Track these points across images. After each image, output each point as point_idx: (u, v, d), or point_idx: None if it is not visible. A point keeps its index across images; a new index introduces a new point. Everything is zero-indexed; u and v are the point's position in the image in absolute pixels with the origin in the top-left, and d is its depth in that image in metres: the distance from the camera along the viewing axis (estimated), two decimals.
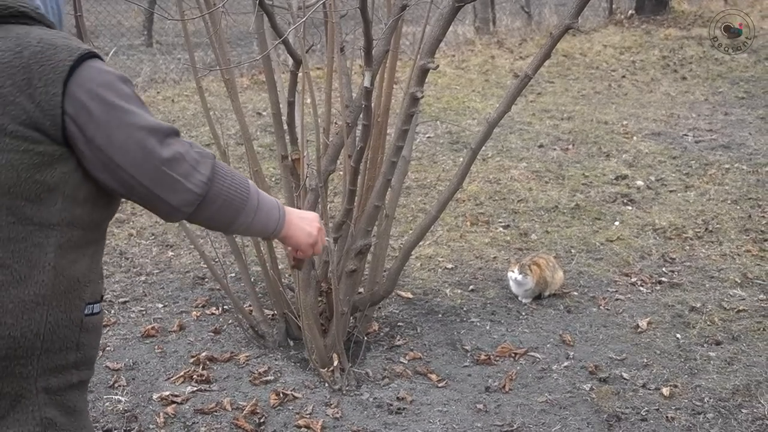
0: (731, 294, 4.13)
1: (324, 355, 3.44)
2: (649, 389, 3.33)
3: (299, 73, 3.34)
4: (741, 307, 3.97)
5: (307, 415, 3.19)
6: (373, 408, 3.25)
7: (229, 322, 3.96)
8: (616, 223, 5.10)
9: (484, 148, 4.72)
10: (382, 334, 3.85)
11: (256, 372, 3.50)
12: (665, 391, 3.29)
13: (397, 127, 3.30)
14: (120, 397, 3.31)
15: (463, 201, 5.48)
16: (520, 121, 7.36)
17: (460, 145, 6.69)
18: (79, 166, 1.50)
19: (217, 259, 4.20)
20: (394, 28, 3.24)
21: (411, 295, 4.20)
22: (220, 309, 4.08)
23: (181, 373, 3.48)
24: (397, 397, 3.32)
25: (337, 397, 3.32)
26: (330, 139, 3.46)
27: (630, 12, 12.80)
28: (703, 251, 4.65)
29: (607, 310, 4.02)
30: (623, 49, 10.47)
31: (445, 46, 10.32)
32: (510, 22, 12.44)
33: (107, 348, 3.68)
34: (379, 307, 4.00)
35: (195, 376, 3.45)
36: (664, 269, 4.45)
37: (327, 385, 3.39)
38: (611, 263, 4.55)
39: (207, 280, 4.37)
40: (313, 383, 3.42)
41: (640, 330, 3.80)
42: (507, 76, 9.18)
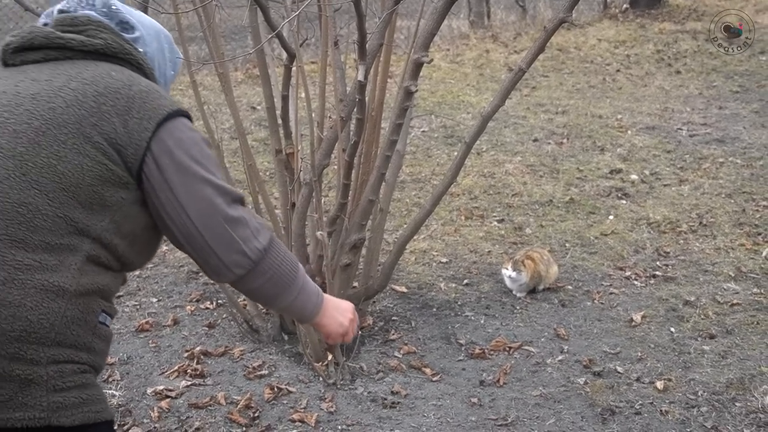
0: (725, 288, 4.13)
1: (318, 349, 3.44)
2: (643, 383, 3.33)
3: (293, 67, 3.34)
4: (735, 301, 3.97)
5: (302, 409, 3.19)
6: (367, 402, 3.26)
7: (224, 316, 3.95)
8: (611, 217, 5.11)
9: (479, 142, 4.72)
10: (376, 328, 3.85)
11: (251, 366, 3.50)
12: (659, 384, 3.30)
13: (392, 121, 3.30)
14: (114, 392, 3.30)
15: (458, 195, 5.48)
16: (514, 115, 7.36)
17: (454, 139, 6.69)
18: (136, 203, 1.58)
19: None
20: (388, 21, 3.23)
21: (405, 290, 4.20)
22: (215, 303, 4.08)
23: (176, 367, 3.48)
24: (392, 391, 3.32)
25: (331, 392, 3.32)
26: (324, 133, 3.45)
27: (624, 6, 12.80)
28: (697, 245, 4.66)
29: (602, 303, 4.03)
30: (618, 43, 10.46)
31: (440, 40, 10.32)
32: (505, 16, 12.44)
33: None
34: (374, 302, 4.00)
35: (189, 371, 3.45)
36: (658, 263, 4.46)
37: (321, 379, 3.39)
38: (605, 257, 4.55)
39: (201, 274, 4.36)
40: (307, 377, 3.42)
41: (634, 324, 3.81)
42: (501, 70, 9.18)
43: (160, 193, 1.57)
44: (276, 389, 3.31)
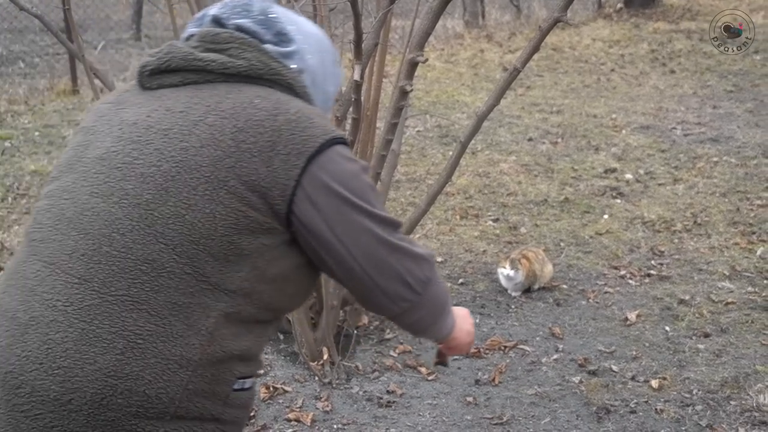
0: (720, 286, 4.14)
1: (314, 348, 3.44)
2: (638, 381, 3.34)
3: None
4: (729, 300, 3.98)
5: (297, 409, 3.19)
6: (363, 401, 3.26)
7: None
8: (605, 217, 5.12)
9: (474, 141, 4.72)
10: (371, 327, 3.85)
11: None
12: (654, 383, 3.30)
13: (387, 120, 3.30)
14: None
15: (453, 194, 5.49)
16: (509, 114, 7.37)
17: (449, 138, 6.69)
18: (282, 244, 1.41)
19: None
20: (383, 21, 3.23)
21: None
22: None
23: None
24: (387, 390, 3.32)
25: (327, 391, 3.32)
26: None
27: (619, 5, 12.83)
28: (692, 244, 4.67)
29: (597, 302, 4.04)
30: (612, 42, 10.49)
31: (435, 40, 10.32)
32: (499, 15, 12.46)
33: None
34: None
35: None
36: (652, 262, 4.47)
37: (317, 378, 3.39)
38: (600, 256, 4.56)
39: None
40: (303, 377, 3.42)
41: (629, 323, 3.81)
42: (496, 69, 9.19)
43: (318, 233, 1.40)
44: (272, 388, 3.32)
